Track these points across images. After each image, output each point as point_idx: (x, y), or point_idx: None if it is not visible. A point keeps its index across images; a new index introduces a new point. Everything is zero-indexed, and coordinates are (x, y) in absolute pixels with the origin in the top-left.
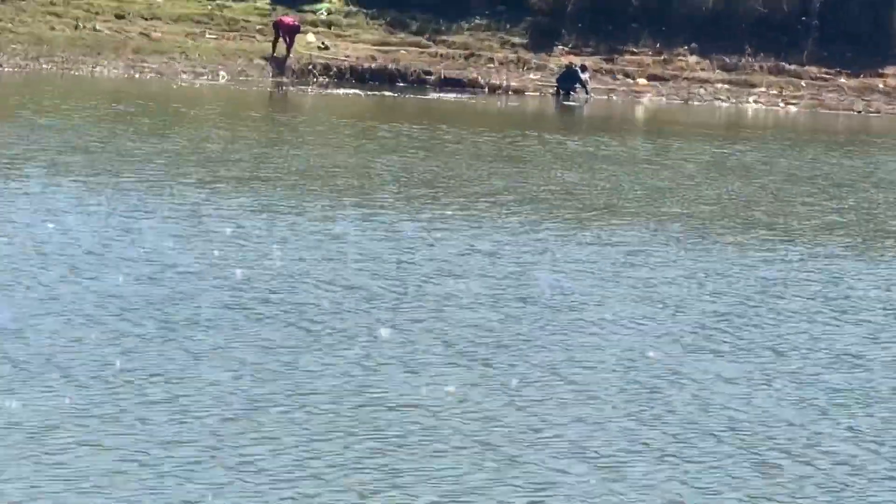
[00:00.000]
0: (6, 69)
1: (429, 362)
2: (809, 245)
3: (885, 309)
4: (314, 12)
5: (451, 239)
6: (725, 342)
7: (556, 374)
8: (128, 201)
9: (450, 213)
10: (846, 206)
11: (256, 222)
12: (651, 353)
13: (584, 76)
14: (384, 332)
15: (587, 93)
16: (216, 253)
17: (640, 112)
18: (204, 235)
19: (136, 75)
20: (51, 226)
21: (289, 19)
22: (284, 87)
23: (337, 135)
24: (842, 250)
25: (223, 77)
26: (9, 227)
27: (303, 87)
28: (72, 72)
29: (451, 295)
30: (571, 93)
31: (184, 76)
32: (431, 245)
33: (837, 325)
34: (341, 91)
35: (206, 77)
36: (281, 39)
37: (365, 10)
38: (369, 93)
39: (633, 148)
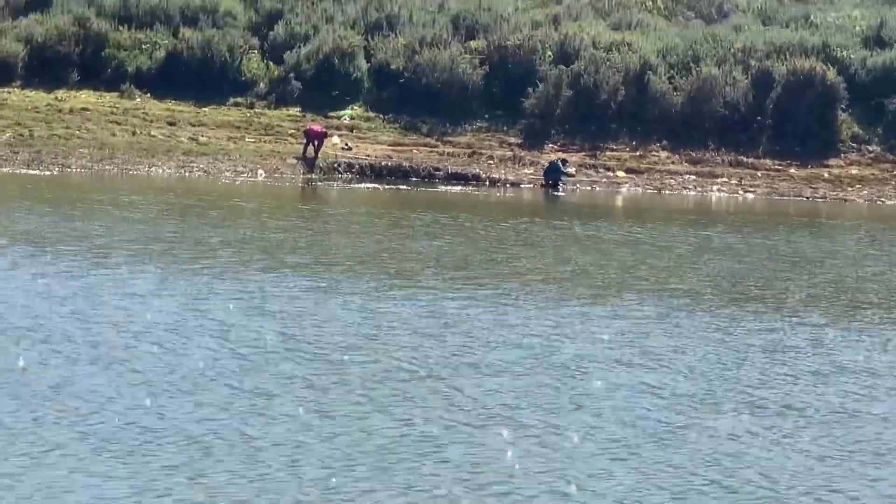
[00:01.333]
0: (75, 170)
1: (469, 422)
2: (795, 315)
3: (868, 373)
4: (339, 118)
5: (488, 314)
6: (729, 401)
7: (586, 429)
8: (204, 284)
9: (487, 291)
10: (822, 281)
11: (319, 301)
12: (660, 411)
13: (570, 169)
14: (437, 397)
15: (570, 178)
16: (285, 329)
17: (619, 201)
18: (274, 314)
19: (186, 174)
20: (139, 307)
21: (317, 127)
22: (313, 183)
23: (374, 223)
24: (824, 320)
25: (261, 175)
26: (102, 308)
27: (329, 182)
28: (130, 172)
29: (490, 363)
30: (559, 184)
31: (227, 174)
32: (471, 319)
33: (825, 386)
34: (362, 185)
35: (245, 175)
36: (310, 144)
37: (382, 116)
38: (386, 187)
39: (630, 232)
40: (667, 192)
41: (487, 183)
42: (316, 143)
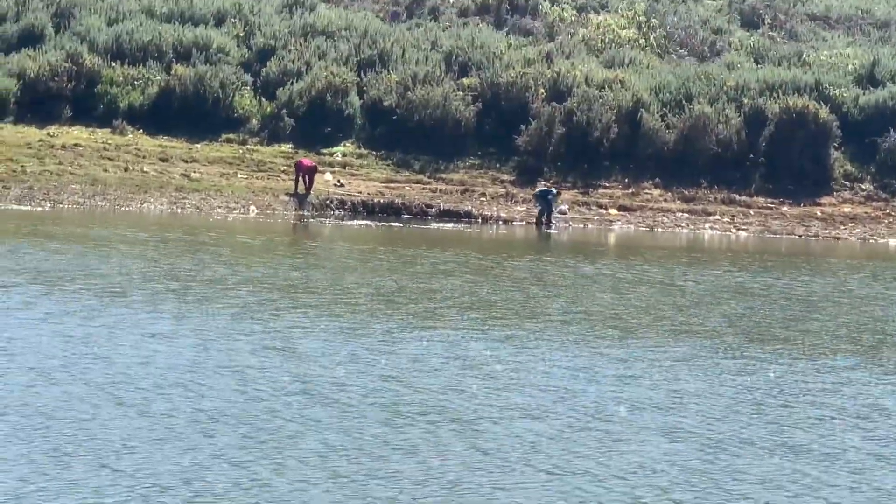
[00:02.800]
0: (66, 206)
1: (497, 466)
2: (818, 356)
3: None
4: (331, 154)
5: (512, 354)
6: (755, 443)
7: (613, 472)
8: (223, 324)
9: (509, 332)
10: (843, 322)
11: (341, 343)
12: (686, 455)
13: (563, 207)
14: (458, 440)
15: (563, 215)
16: (305, 369)
17: (612, 238)
18: (294, 355)
19: (178, 210)
20: (155, 347)
21: (307, 161)
22: (306, 220)
23: (382, 261)
24: (849, 361)
25: (253, 211)
26: (118, 349)
27: (322, 219)
28: (122, 208)
29: (515, 405)
30: (552, 222)
31: (219, 210)
32: (496, 361)
33: (854, 429)
34: (354, 223)
35: (238, 211)
36: (301, 179)
37: (375, 153)
38: (378, 224)
39: (644, 272)
40: (659, 229)
41: (480, 220)
42: (307, 177)
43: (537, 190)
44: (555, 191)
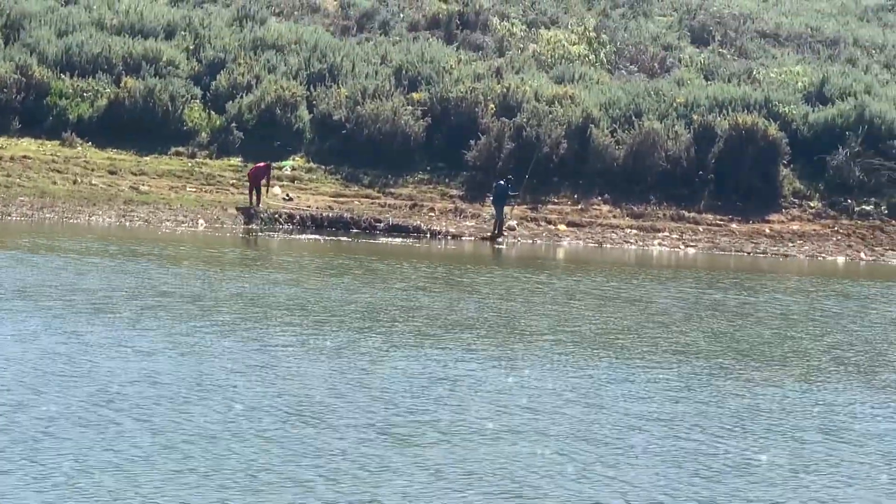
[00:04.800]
0: (14, 218)
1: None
2: (807, 376)
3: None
4: (280, 168)
5: (501, 375)
6: (756, 464)
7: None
8: (209, 342)
9: (500, 351)
10: (829, 342)
11: (316, 361)
12: (695, 477)
13: (511, 222)
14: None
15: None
16: (288, 387)
17: (561, 253)
18: (277, 371)
19: (127, 223)
20: (137, 364)
21: (259, 164)
22: (254, 233)
23: (346, 276)
24: (838, 382)
25: (201, 224)
26: (98, 369)
27: (270, 232)
28: (70, 220)
29: (509, 429)
30: (503, 234)
31: (168, 223)
32: (486, 380)
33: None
34: (303, 236)
35: (186, 224)
36: (254, 190)
37: (324, 167)
38: (327, 238)
39: (615, 287)
40: (608, 245)
41: (428, 235)
42: (266, 177)
43: (494, 185)
44: (510, 177)
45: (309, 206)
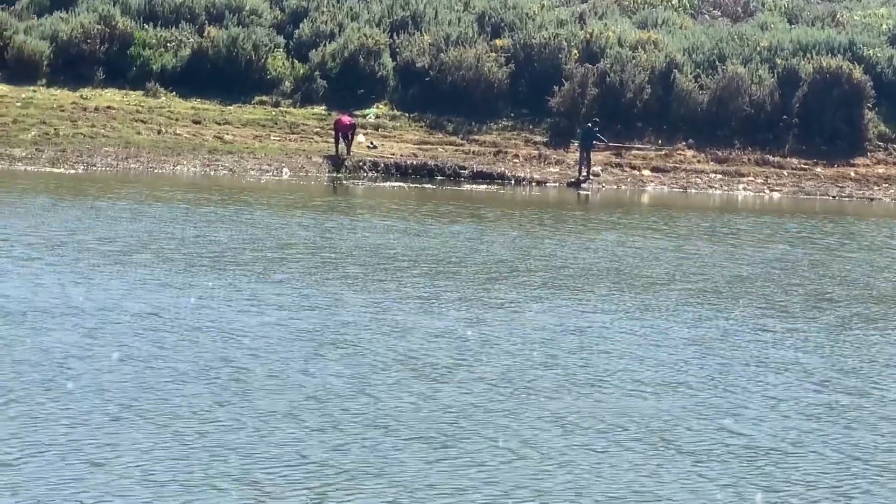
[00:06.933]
0: (99, 168)
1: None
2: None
3: None
4: (364, 116)
5: (618, 324)
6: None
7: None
8: (299, 291)
9: (628, 300)
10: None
11: (428, 313)
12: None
13: (595, 168)
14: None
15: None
16: (382, 339)
17: (646, 199)
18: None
19: (212, 172)
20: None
21: (346, 119)
22: (339, 182)
23: (456, 224)
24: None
25: (286, 173)
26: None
27: (355, 181)
28: (155, 170)
29: (611, 374)
30: (590, 177)
31: (252, 173)
32: (629, 329)
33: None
34: (387, 184)
35: (270, 174)
36: (341, 138)
37: (408, 115)
38: (411, 185)
39: (727, 234)
40: (692, 190)
41: (513, 182)
42: (350, 135)
43: (580, 130)
44: (597, 119)
45: (393, 154)
